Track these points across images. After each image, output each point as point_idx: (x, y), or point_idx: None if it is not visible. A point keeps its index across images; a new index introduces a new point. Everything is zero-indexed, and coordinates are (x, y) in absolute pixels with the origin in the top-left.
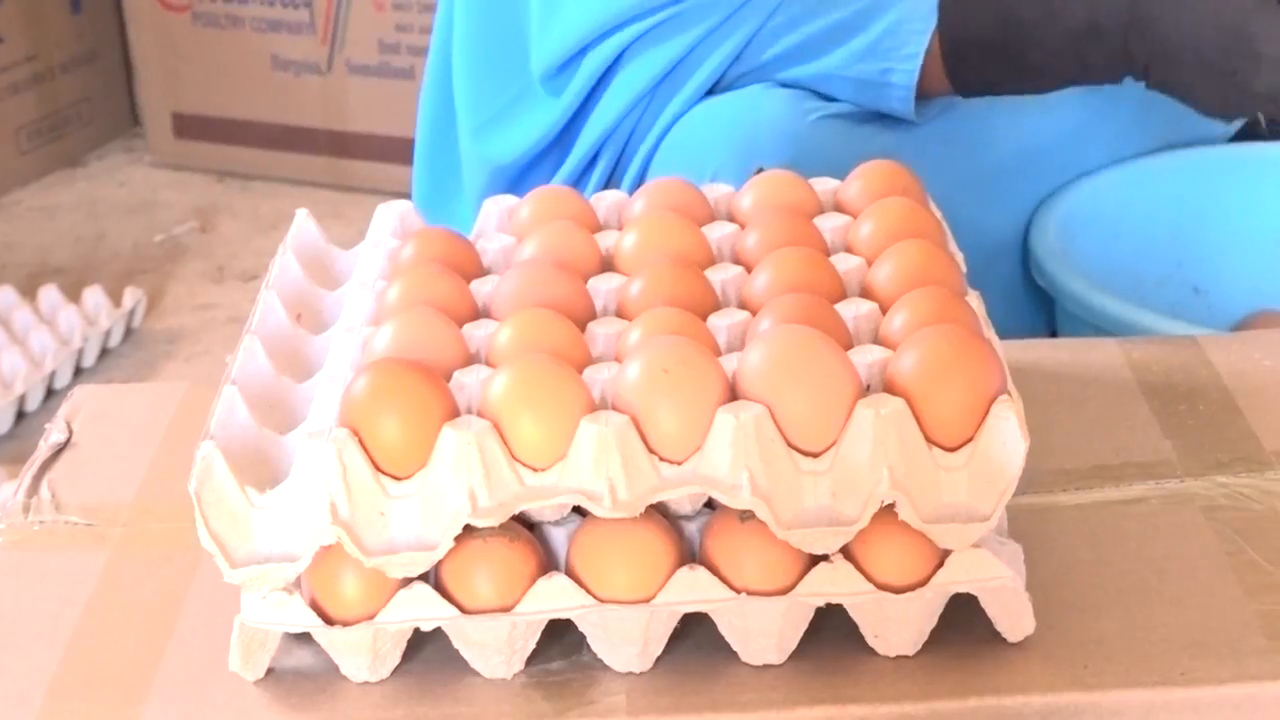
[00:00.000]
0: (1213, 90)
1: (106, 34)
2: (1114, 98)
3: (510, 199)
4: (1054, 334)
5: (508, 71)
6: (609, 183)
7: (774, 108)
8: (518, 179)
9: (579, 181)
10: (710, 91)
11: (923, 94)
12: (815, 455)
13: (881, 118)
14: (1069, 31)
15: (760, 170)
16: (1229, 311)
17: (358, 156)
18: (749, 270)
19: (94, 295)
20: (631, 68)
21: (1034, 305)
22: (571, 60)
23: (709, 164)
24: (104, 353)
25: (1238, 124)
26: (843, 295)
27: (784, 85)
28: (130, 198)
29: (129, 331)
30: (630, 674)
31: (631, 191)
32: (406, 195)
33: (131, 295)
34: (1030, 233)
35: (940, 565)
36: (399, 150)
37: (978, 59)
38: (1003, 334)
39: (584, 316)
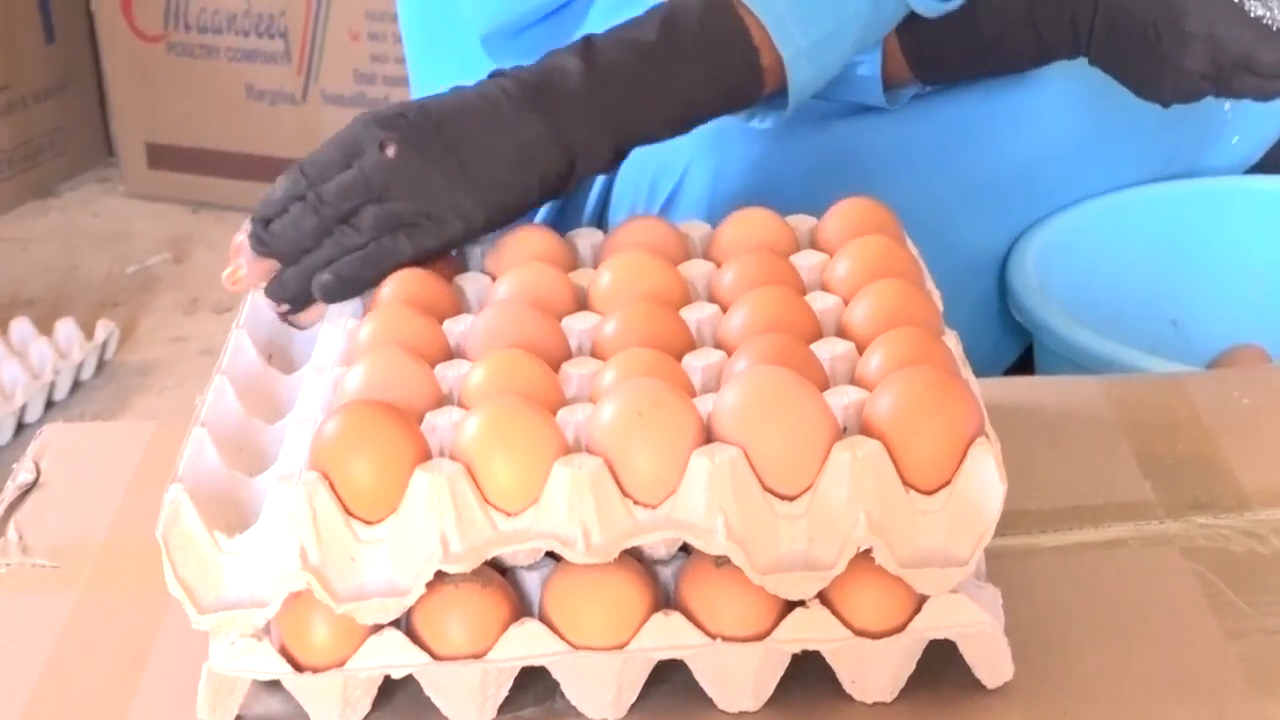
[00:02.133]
0: (1146, 67)
1: (80, 63)
2: (1115, 120)
3: (486, 240)
4: (1030, 354)
5: (450, 36)
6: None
7: None
8: None
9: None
10: None
11: (891, 83)
12: (791, 499)
13: (856, 111)
14: (1019, 4)
15: None
16: (1206, 345)
17: None
18: (725, 309)
19: (66, 327)
20: None
21: (1010, 323)
22: (522, 31)
23: (681, 157)
24: (76, 385)
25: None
26: (819, 335)
27: None
28: (103, 228)
29: (101, 364)
30: None
31: (604, 186)
32: None
33: (104, 327)
34: (1007, 266)
35: (918, 610)
36: None
37: (932, 41)
38: (978, 353)
39: (558, 357)
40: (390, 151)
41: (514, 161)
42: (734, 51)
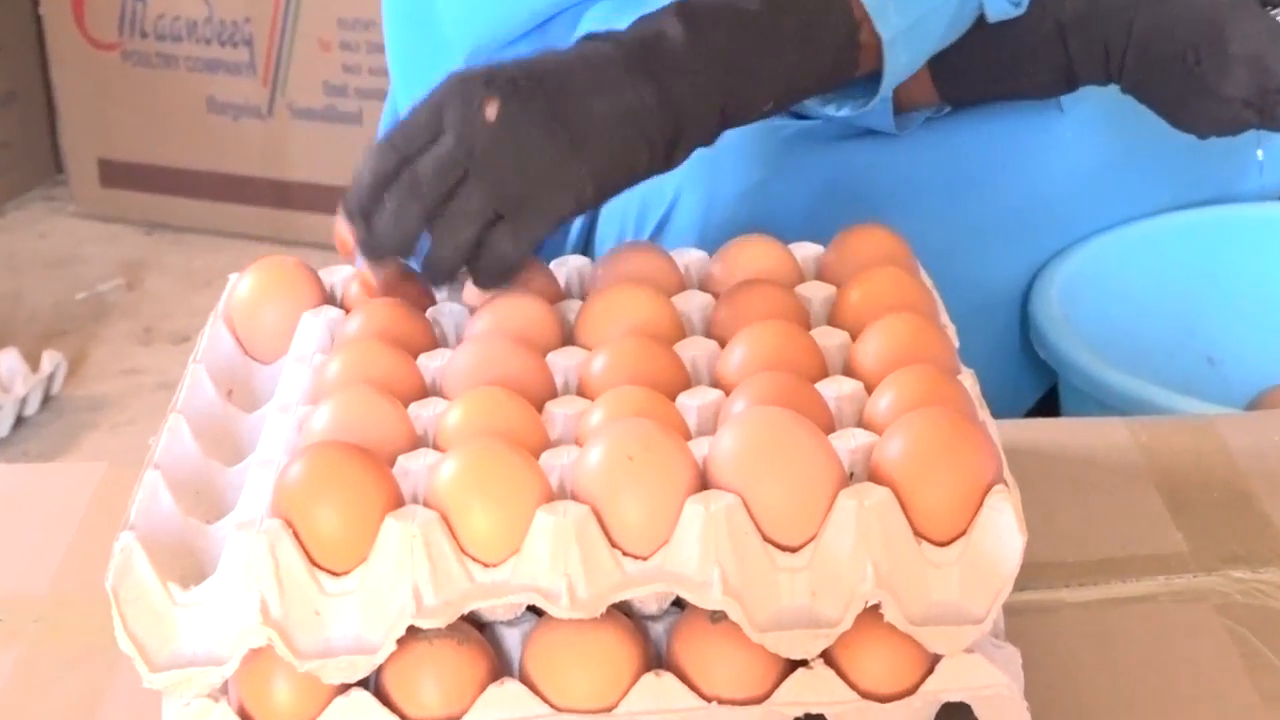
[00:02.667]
0: (1184, 95)
1: (27, 73)
2: (1143, 143)
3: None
4: (1054, 393)
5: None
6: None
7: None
8: None
9: None
10: None
11: (905, 104)
12: (793, 550)
13: (862, 135)
14: (1049, 22)
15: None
16: (1246, 385)
17: (301, 208)
18: (722, 345)
19: (9, 358)
20: None
21: (1033, 361)
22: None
23: (670, 185)
24: (19, 422)
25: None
26: (825, 373)
27: None
28: (51, 251)
29: (47, 398)
30: None
31: (588, 216)
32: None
33: (51, 359)
34: (1029, 298)
35: (930, 671)
36: None
37: (961, 57)
38: (997, 393)
39: (541, 395)
40: (490, 113)
41: (625, 127)
42: (836, 25)
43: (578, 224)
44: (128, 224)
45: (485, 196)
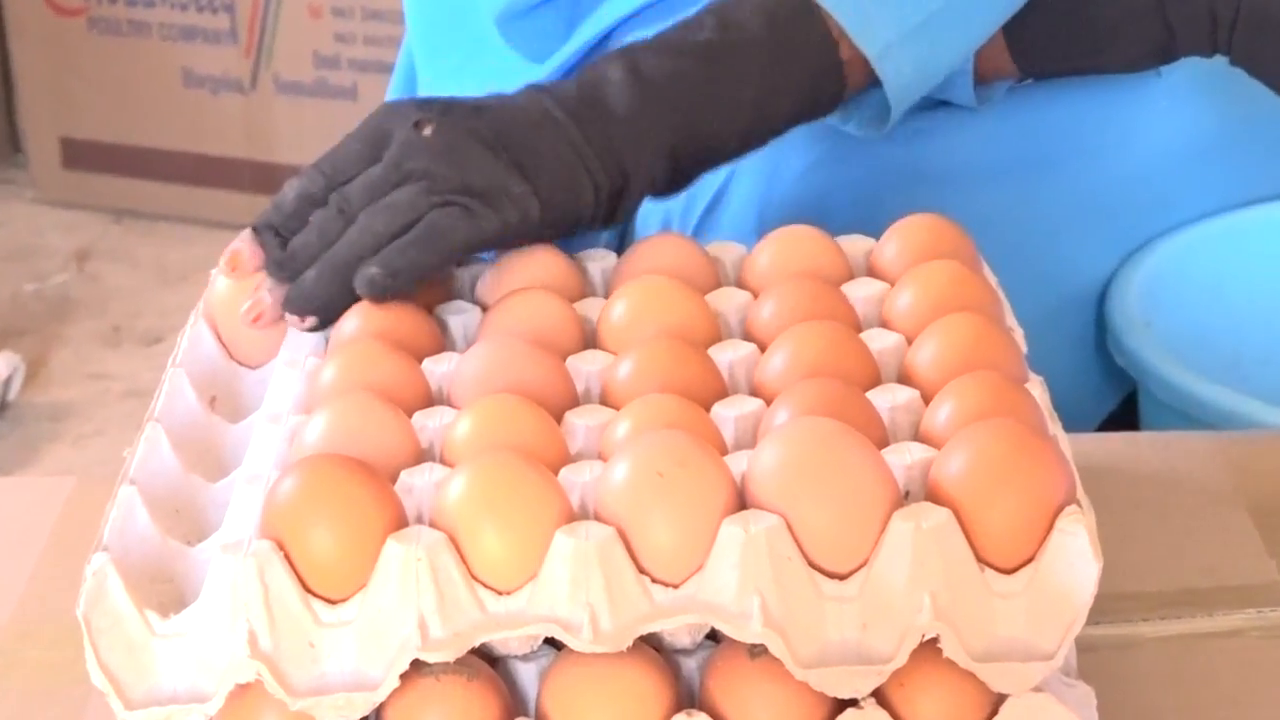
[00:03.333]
0: None
1: None
2: (1241, 124)
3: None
4: (1133, 403)
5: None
6: None
7: None
8: None
9: None
10: None
11: (980, 78)
12: (842, 577)
13: (931, 107)
14: None
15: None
16: None
17: None
18: (763, 349)
19: None
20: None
21: (1111, 366)
22: (537, 8)
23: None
24: None
25: None
26: (877, 381)
27: None
28: (8, 241)
29: (3, 406)
30: None
31: None
32: None
33: (7, 361)
34: (1107, 297)
35: (994, 713)
36: None
37: (1041, 27)
38: (1070, 403)
39: (561, 404)
40: (428, 131)
41: (570, 161)
42: (807, 46)
43: None
44: (93, 211)
45: (418, 195)
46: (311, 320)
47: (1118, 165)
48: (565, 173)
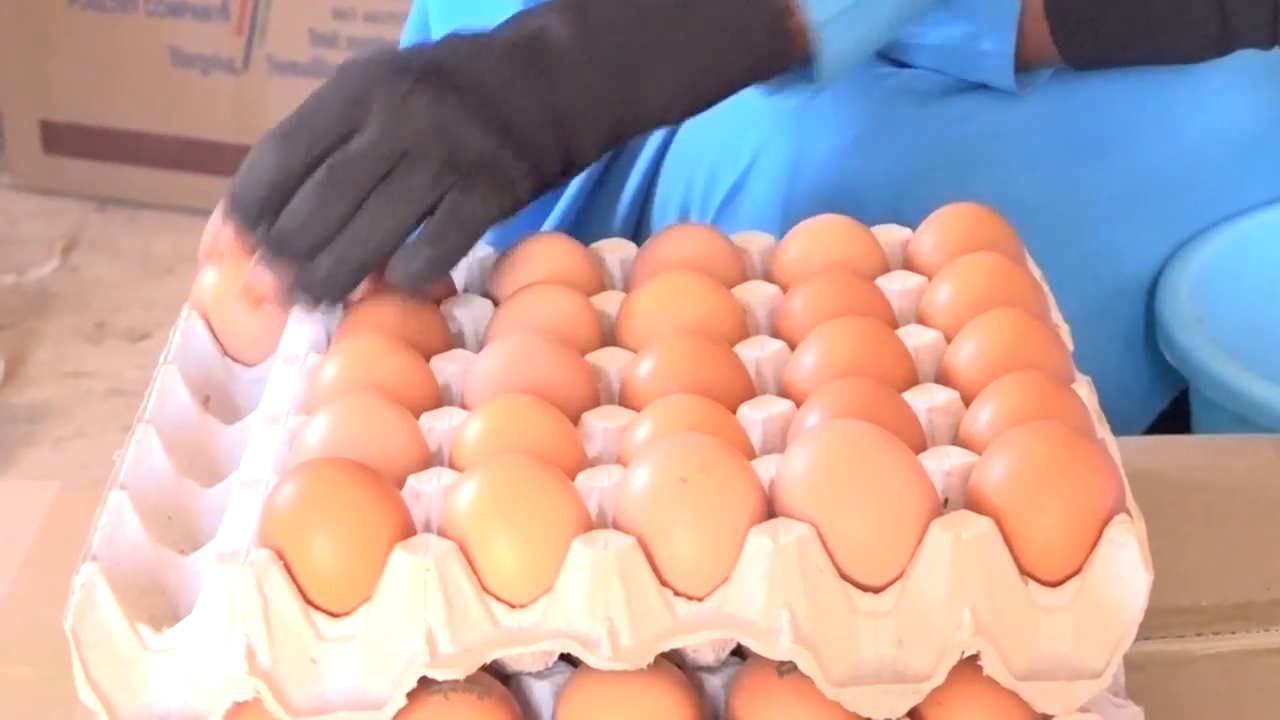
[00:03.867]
0: None
1: None
2: None
3: (484, 248)
4: (1184, 404)
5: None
6: (615, 159)
7: None
8: None
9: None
10: None
11: (1022, 63)
12: (876, 590)
13: (970, 89)
14: None
15: None
16: None
17: None
18: (792, 347)
19: None
20: None
21: (1160, 366)
22: None
23: (749, 138)
24: None
25: None
26: (914, 381)
27: None
28: None
29: None
30: None
31: (647, 175)
32: None
33: None
34: (1157, 292)
35: None
36: None
37: (1089, 12)
38: (1119, 404)
39: (578, 405)
40: (418, 101)
41: (543, 122)
42: (758, 12)
43: (629, 191)
44: (75, 198)
45: (431, 174)
46: (324, 305)
47: (1169, 152)
48: (542, 137)
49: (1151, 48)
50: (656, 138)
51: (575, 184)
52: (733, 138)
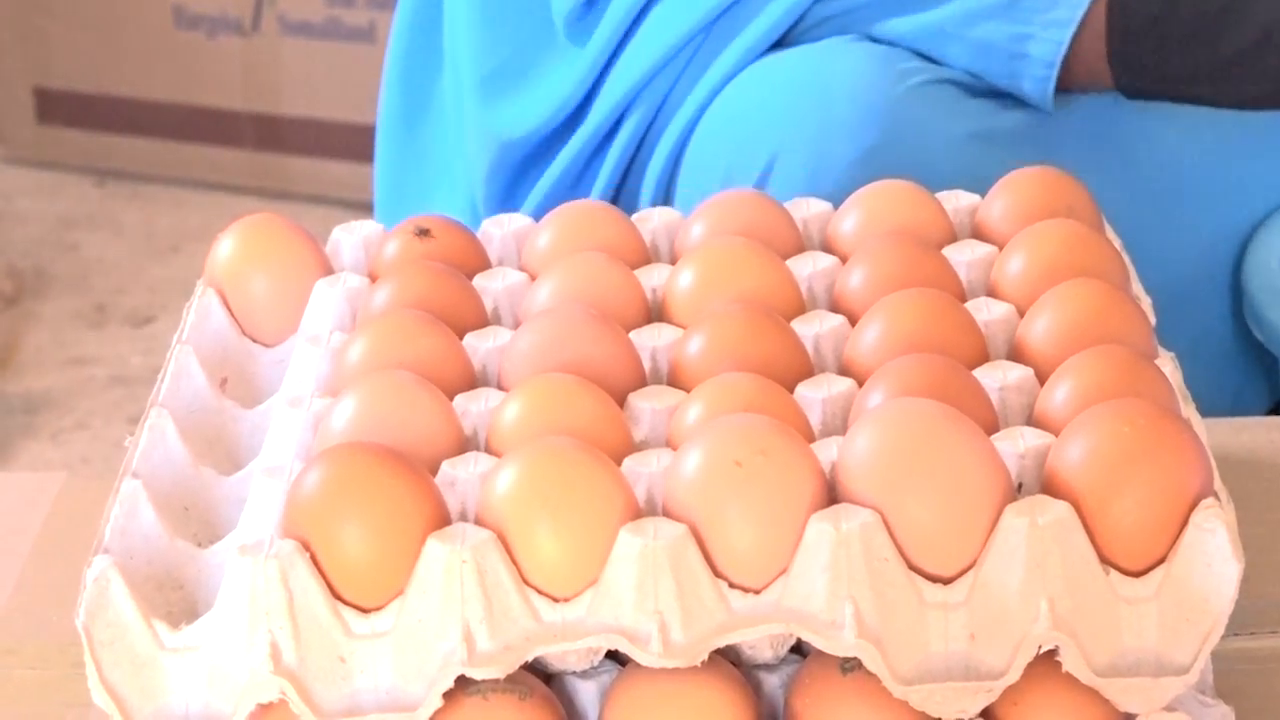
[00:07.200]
0: None
1: None
2: None
3: (520, 219)
4: (1278, 407)
5: (524, 10)
6: (632, 162)
7: (857, 67)
8: (533, 160)
9: (593, 159)
10: (777, 47)
11: (1066, 82)
12: (946, 581)
13: (1006, 94)
14: (1253, 28)
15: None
16: None
17: (294, 150)
18: (853, 321)
19: None
20: (670, 5)
21: (1245, 365)
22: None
23: (765, 144)
24: None
25: None
26: (985, 358)
27: (876, 41)
28: None
29: None
30: None
31: (664, 181)
32: (364, 205)
33: None
34: (1244, 265)
35: None
36: (351, 141)
37: (1155, 43)
38: (1205, 383)
39: (623, 385)
40: None
41: None
42: None
43: (657, 170)
44: (72, 171)
45: None
46: None
47: (1196, 157)
48: None
49: (1213, 90)
50: (670, 143)
51: (598, 183)
52: (748, 142)
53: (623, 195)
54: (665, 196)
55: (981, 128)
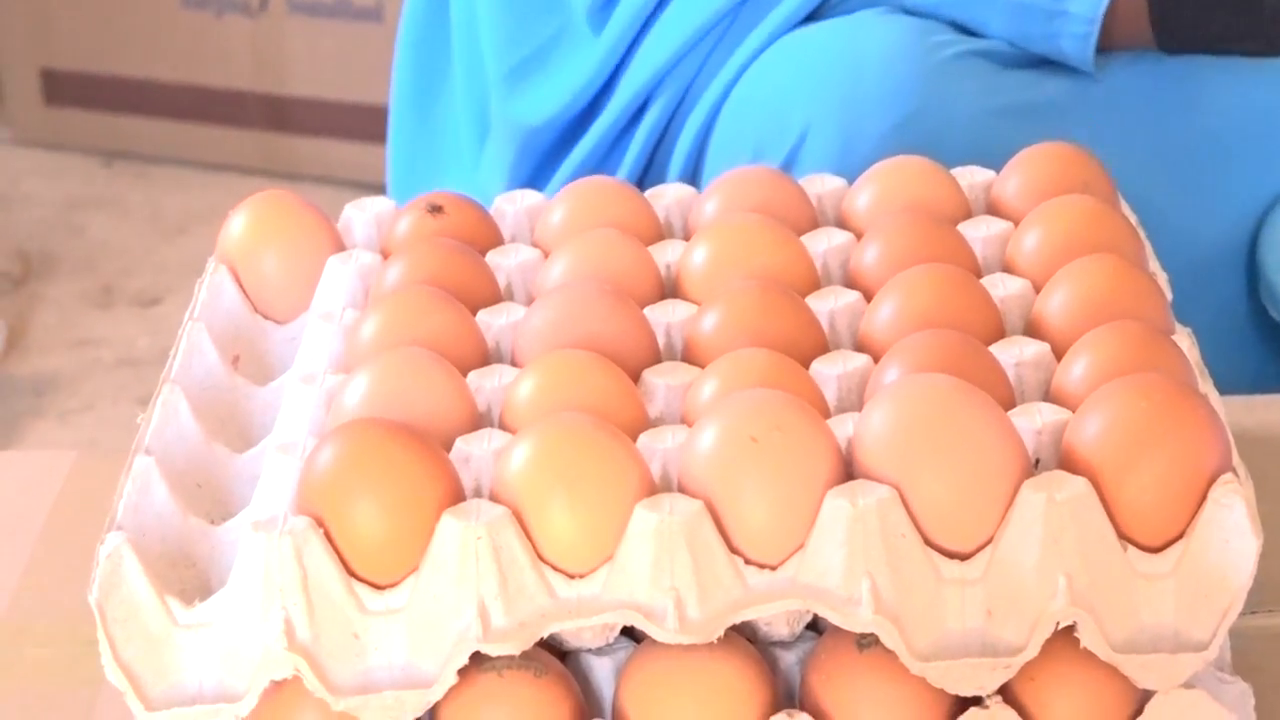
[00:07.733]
0: None
1: None
2: None
3: (533, 195)
4: None
5: (545, 2)
6: (659, 145)
7: (889, 39)
8: (557, 147)
9: (618, 143)
10: (807, 21)
11: (1105, 41)
12: (964, 557)
13: (1043, 64)
14: None
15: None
16: None
17: (302, 131)
18: (868, 297)
19: None
20: None
21: (1265, 340)
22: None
23: (795, 118)
24: None
25: None
26: (1001, 333)
27: (910, 13)
28: None
29: None
30: None
31: (691, 159)
32: (372, 186)
33: None
34: (1260, 243)
35: (1138, 712)
36: (359, 121)
37: (1186, 5)
38: (1222, 360)
39: (638, 361)
40: None
41: None
42: None
43: (684, 150)
44: (79, 152)
45: None
46: None
47: (1242, 114)
48: None
49: (1257, 43)
50: (698, 122)
51: (624, 167)
52: (778, 117)
53: (649, 177)
54: (693, 176)
55: (1015, 101)
